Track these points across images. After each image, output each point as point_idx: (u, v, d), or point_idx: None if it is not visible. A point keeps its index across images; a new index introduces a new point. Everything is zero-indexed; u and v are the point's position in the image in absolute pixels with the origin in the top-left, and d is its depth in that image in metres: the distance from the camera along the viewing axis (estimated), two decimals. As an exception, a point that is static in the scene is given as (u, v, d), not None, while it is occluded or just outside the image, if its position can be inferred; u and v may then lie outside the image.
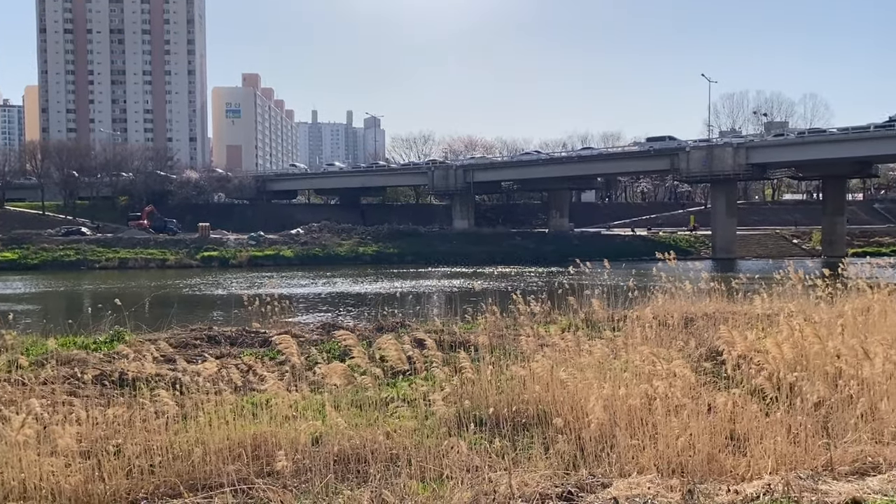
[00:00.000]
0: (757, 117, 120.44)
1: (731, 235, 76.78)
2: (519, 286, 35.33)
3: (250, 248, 72.50)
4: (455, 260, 68.13)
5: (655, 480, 6.11)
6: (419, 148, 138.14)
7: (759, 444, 7.24)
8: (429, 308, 27.21)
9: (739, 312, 15.69)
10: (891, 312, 13.86)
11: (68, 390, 10.29)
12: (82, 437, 7.66)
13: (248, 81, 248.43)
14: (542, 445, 7.66)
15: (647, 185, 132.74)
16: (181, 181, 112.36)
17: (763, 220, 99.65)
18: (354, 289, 44.98)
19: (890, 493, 5.87)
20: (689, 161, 77.45)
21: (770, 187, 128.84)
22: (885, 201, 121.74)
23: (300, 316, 28.38)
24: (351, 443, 7.61)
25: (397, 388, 10.59)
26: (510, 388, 9.39)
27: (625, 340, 10.73)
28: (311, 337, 15.43)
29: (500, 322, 14.73)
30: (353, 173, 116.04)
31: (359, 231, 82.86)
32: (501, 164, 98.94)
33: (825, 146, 72.88)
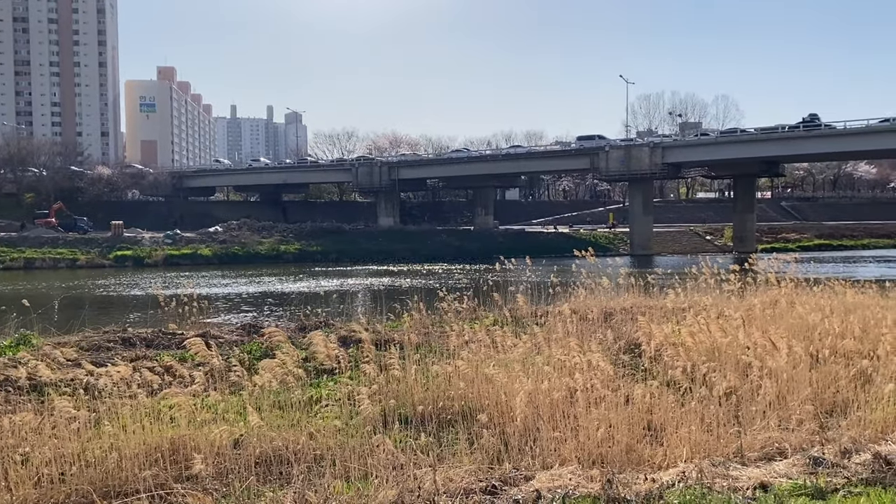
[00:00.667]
0: (672, 118, 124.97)
1: (648, 232, 79.28)
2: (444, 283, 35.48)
3: (166, 246, 70.19)
4: (380, 258, 67.83)
5: (576, 472, 6.26)
6: (343, 144, 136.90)
7: (674, 434, 7.50)
8: (353, 307, 26.98)
9: (656, 306, 16.21)
10: (797, 305, 14.60)
11: (-31, 398, 9.71)
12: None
13: (163, 75, 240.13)
14: (467, 441, 7.72)
15: (569, 184, 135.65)
16: (92, 177, 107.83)
17: (678, 217, 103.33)
18: (276, 288, 44.19)
19: (794, 476, 6.19)
20: (609, 160, 79.53)
21: (684, 186, 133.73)
22: (792, 199, 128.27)
23: (220, 316, 27.67)
24: (273, 444, 7.48)
25: (321, 387, 10.46)
26: (436, 386, 9.42)
27: (547, 335, 10.93)
28: (232, 338, 15.08)
29: (426, 320, 14.76)
30: (274, 170, 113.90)
31: (280, 229, 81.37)
32: (427, 162, 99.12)
33: (736, 146, 76.12)
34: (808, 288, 16.97)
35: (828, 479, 6.04)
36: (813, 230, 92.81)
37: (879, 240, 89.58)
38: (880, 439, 7.35)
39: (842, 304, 15.08)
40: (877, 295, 16.54)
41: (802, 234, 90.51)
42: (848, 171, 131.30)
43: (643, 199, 79.39)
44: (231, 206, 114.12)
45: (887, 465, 6.26)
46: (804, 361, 9.91)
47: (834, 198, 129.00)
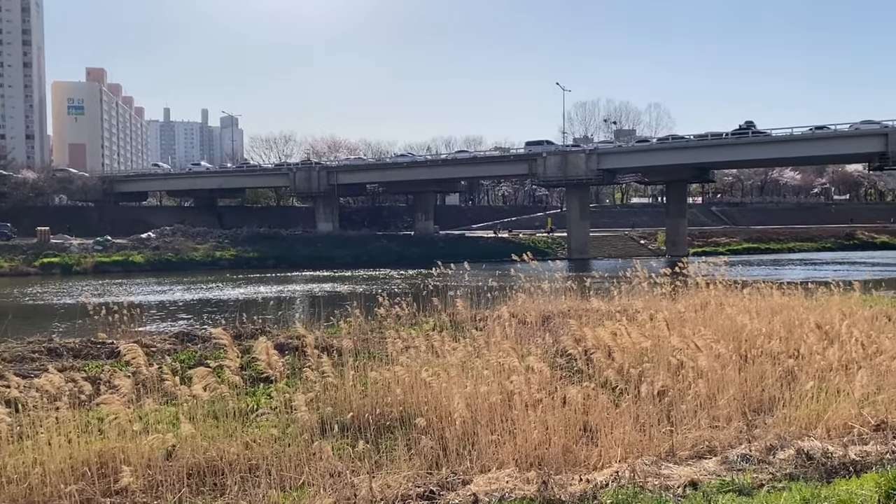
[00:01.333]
0: (607, 125, 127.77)
1: (585, 237, 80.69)
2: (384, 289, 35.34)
3: (96, 253, 67.81)
4: (319, 263, 67.07)
5: (514, 474, 6.31)
6: (280, 148, 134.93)
7: (609, 435, 7.64)
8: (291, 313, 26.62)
9: (592, 309, 16.51)
10: (726, 307, 15.09)
11: None
12: None
13: (92, 76, 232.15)
14: (405, 447, 7.69)
15: (509, 189, 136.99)
16: (16, 182, 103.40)
17: (614, 222, 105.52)
18: (212, 295, 43.23)
19: (722, 473, 6.39)
20: (546, 166, 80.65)
21: (619, 191, 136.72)
22: (721, 204, 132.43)
23: (153, 325, 26.89)
24: (206, 455, 7.31)
25: (258, 396, 10.28)
26: (374, 392, 9.37)
27: (486, 339, 11.00)
28: (164, 346, 14.69)
29: (365, 325, 14.68)
30: (209, 174, 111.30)
31: (216, 234, 79.60)
32: (366, 167, 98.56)
33: (668, 153, 78.24)
34: (736, 290, 17.56)
35: (754, 476, 6.25)
36: (742, 234, 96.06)
37: (804, 243, 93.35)
38: (804, 435, 7.65)
39: (768, 305, 15.66)
40: (801, 297, 17.22)
41: (732, 237, 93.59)
42: (774, 177, 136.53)
43: (580, 204, 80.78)
44: (165, 211, 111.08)
45: (809, 460, 6.52)
46: (733, 362, 10.24)
47: (761, 203, 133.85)
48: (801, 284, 18.98)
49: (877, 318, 14.52)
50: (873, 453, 6.67)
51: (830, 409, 8.36)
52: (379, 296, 15.71)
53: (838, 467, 6.39)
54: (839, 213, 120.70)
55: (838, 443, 7.13)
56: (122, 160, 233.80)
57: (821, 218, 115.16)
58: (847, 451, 6.68)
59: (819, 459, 6.48)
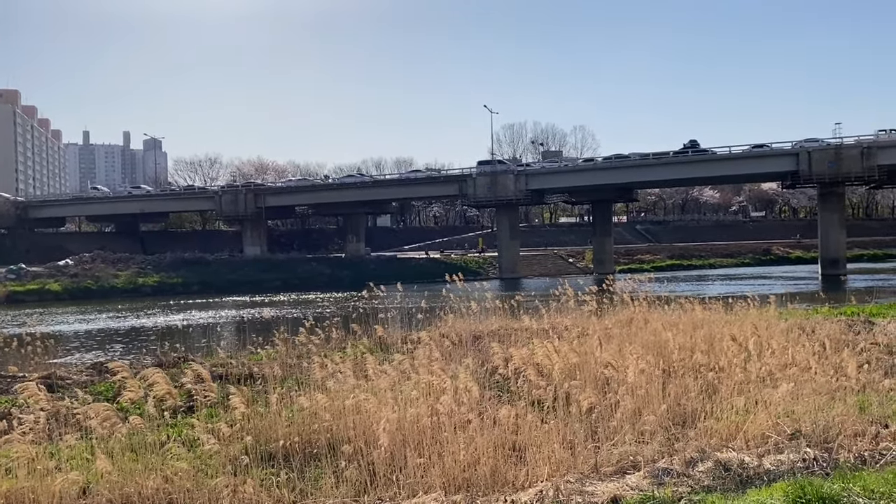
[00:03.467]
0: (535, 146, 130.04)
1: (515, 256, 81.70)
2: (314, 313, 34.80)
3: (9, 282, 64.64)
4: (246, 289, 65.65)
5: (440, 498, 6.25)
6: (205, 171, 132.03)
7: (537, 453, 7.67)
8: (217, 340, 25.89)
9: (521, 328, 16.65)
10: (651, 322, 15.46)
11: None
12: None
13: (5, 98, 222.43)
14: (333, 475, 7.54)
15: (440, 210, 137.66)
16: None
17: (543, 241, 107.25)
18: (133, 323, 41.71)
19: (645, 487, 6.50)
20: (476, 187, 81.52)
21: (548, 211, 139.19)
22: (645, 223, 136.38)
23: (69, 356, 25.72)
24: (122, 491, 6.99)
25: (179, 427, 9.92)
26: (301, 419, 9.17)
27: (412, 361, 10.93)
28: (80, 378, 14.06)
29: (292, 351, 14.40)
30: (130, 198, 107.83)
31: (138, 260, 77.08)
32: (294, 189, 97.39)
33: (593, 173, 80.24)
34: (661, 306, 18.03)
35: (674, 489, 6.38)
36: (665, 251, 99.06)
37: (724, 259, 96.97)
38: (724, 447, 7.86)
39: (690, 320, 16.12)
40: (721, 311, 17.79)
41: (656, 255, 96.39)
42: (695, 195, 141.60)
43: (510, 224, 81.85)
44: (84, 237, 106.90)
45: (726, 472, 6.69)
46: (657, 376, 10.46)
47: (683, 221, 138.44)
48: (721, 299, 19.62)
49: (791, 330, 15.12)
50: (786, 462, 6.90)
51: (749, 420, 8.62)
52: (306, 320, 15.45)
53: (753, 477, 6.58)
54: (756, 230, 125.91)
55: (755, 453, 7.35)
56: (38, 184, 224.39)
57: (739, 234, 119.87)
58: (762, 462, 6.90)
59: (735, 470, 6.67)
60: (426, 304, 18.22)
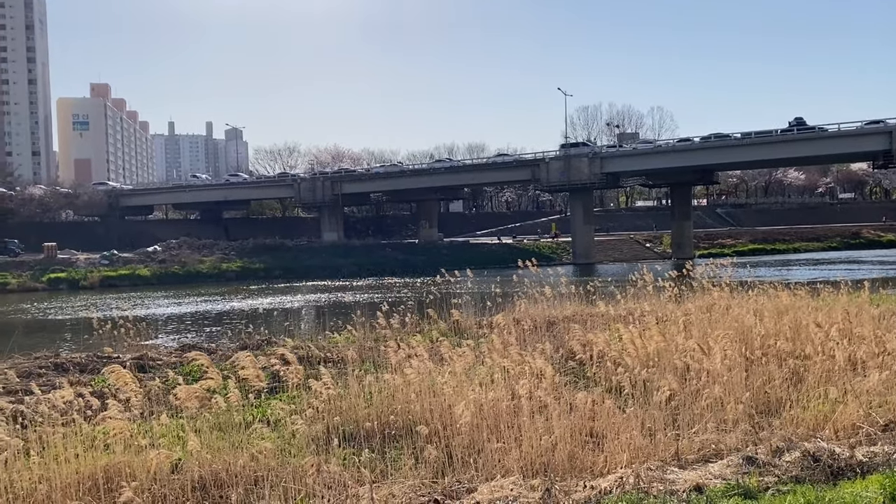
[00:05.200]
0: (610, 129, 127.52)
1: (590, 241, 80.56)
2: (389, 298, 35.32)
3: (103, 267, 68.00)
4: (324, 273, 67.11)
5: (518, 482, 6.27)
6: (284, 160, 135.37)
7: (615, 440, 7.60)
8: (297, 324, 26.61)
9: (597, 314, 16.45)
10: (733, 308, 15.02)
11: None
12: None
13: (96, 92, 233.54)
14: (411, 456, 7.67)
15: (512, 195, 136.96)
16: (23, 198, 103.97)
17: (619, 225, 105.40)
18: (218, 307, 43.29)
19: (728, 476, 6.34)
20: (549, 171, 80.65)
21: (624, 195, 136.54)
22: (726, 206, 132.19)
23: (159, 338, 26.94)
24: (211, 468, 7.29)
25: (263, 407, 10.27)
26: (379, 401, 9.35)
27: (490, 346, 10.97)
28: (170, 360, 14.70)
29: (369, 335, 14.66)
30: (214, 186, 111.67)
31: (222, 246, 79.76)
32: (370, 176, 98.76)
33: (671, 155, 78.16)
34: (743, 292, 17.48)
35: (759, 479, 6.21)
36: (747, 235, 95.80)
37: (809, 243, 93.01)
38: (811, 437, 7.59)
39: (775, 306, 15.57)
40: (807, 297, 17.12)
41: (737, 239, 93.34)
42: (778, 177, 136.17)
43: (584, 208, 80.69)
44: (171, 224, 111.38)
45: (815, 462, 6.47)
46: (739, 364, 10.18)
47: (766, 203, 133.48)
48: (808, 284, 18.89)
49: (884, 317, 14.43)
50: (881, 454, 6.62)
51: (838, 410, 8.30)
52: (383, 305, 15.69)
53: (845, 469, 6.34)
54: (844, 213, 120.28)
55: (846, 444, 7.08)
56: (128, 174, 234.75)
57: (826, 217, 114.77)
58: (854, 453, 6.63)
59: (825, 461, 6.43)
60: (499, 290, 18.20)
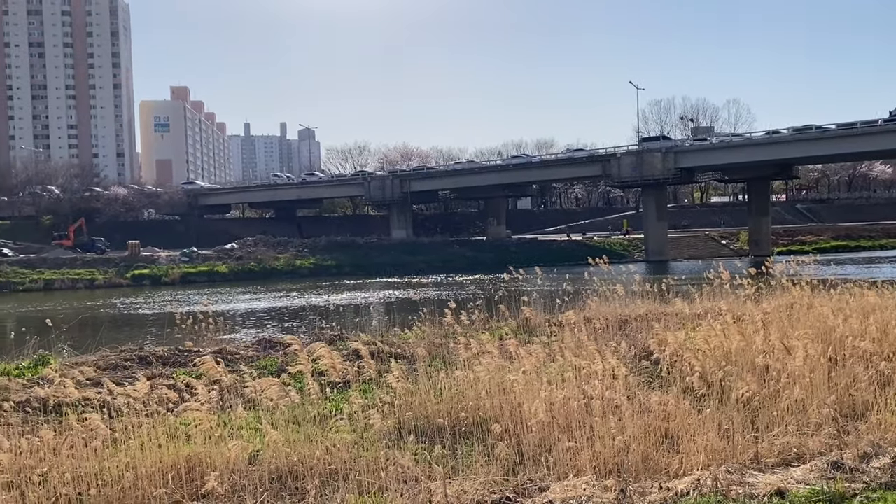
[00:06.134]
0: (684, 123, 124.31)
1: (663, 238, 78.85)
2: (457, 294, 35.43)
3: (183, 264, 70.64)
4: (394, 270, 67.88)
5: (591, 482, 6.21)
6: (355, 159, 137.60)
7: (691, 441, 7.43)
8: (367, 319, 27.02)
9: (671, 313, 16.08)
10: (815, 307, 14.44)
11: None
12: (4, 467, 7.31)
13: (176, 94, 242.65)
14: (482, 453, 7.68)
15: (582, 191, 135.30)
16: (109, 198, 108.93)
17: (693, 222, 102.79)
18: (292, 303, 44.34)
19: (812, 481, 6.10)
20: (620, 166, 79.29)
21: (698, 190, 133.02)
22: (807, 201, 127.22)
23: (236, 332, 27.78)
24: (288, 460, 7.48)
25: (336, 401, 10.46)
26: (450, 397, 9.39)
27: (560, 344, 10.87)
28: (247, 354, 15.13)
29: (438, 331, 14.74)
30: (287, 185, 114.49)
31: (295, 244, 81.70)
32: (438, 174, 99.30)
33: (748, 149, 75.67)
34: (825, 291, 16.79)
35: (846, 485, 5.95)
36: (829, 232, 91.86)
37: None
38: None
39: (860, 305, 14.89)
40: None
41: (818, 236, 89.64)
42: (863, 171, 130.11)
43: (657, 204, 79.00)
44: (247, 222, 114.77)
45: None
46: (822, 365, 9.79)
47: (850, 199, 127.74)
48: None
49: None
50: (980, 463, 6.25)
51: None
52: (451, 302, 15.74)
53: (940, 477, 6.02)
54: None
55: (941, 451, 6.71)
56: (206, 174, 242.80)
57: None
58: (950, 460, 6.29)
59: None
60: (569, 287, 18.01)
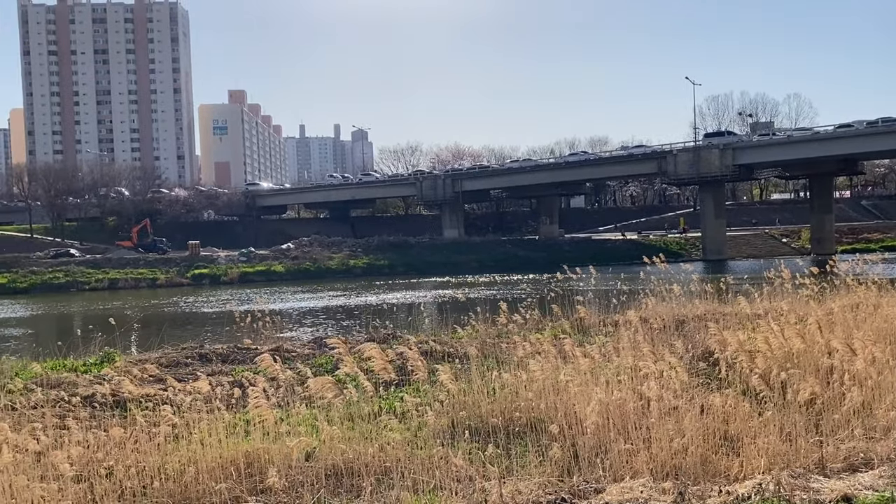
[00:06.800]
0: (742, 118, 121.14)
1: (721, 236, 77.10)
2: (509, 294, 35.32)
3: (241, 264, 72.24)
4: (445, 270, 68.07)
5: (648, 484, 6.10)
6: (407, 159, 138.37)
7: (752, 444, 7.25)
8: (420, 319, 27.15)
9: (730, 313, 15.73)
10: (883, 307, 13.93)
11: (58, 413, 10.18)
12: (73, 460, 7.59)
13: (234, 98, 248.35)
14: (536, 453, 7.63)
15: (636, 189, 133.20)
16: (170, 199, 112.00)
17: (752, 219, 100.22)
18: (346, 302, 44.88)
19: (881, 488, 5.88)
20: (677, 164, 77.83)
21: (758, 187, 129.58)
22: (873, 198, 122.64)
23: (292, 331, 28.26)
24: (343, 457, 7.56)
25: (389, 399, 10.54)
26: (503, 397, 9.37)
27: (616, 344, 10.74)
28: (303, 352, 15.38)
29: (491, 330, 14.73)
30: (341, 186, 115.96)
31: (349, 244, 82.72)
32: (490, 173, 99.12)
33: (810, 145, 73.40)
34: (893, 290, 16.18)
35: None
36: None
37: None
38: (977, 449, 6.92)
39: (932, 306, 14.29)
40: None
41: (886, 233, 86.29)
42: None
43: (714, 202, 77.28)
44: (302, 223, 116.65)
45: (983, 477, 5.88)
46: (890, 366, 9.43)
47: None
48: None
49: None
50: None
51: None
52: (503, 301, 15.70)
53: None
54: None
55: None
56: (263, 176, 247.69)
57: None
58: None
59: None
60: (624, 287, 17.76)
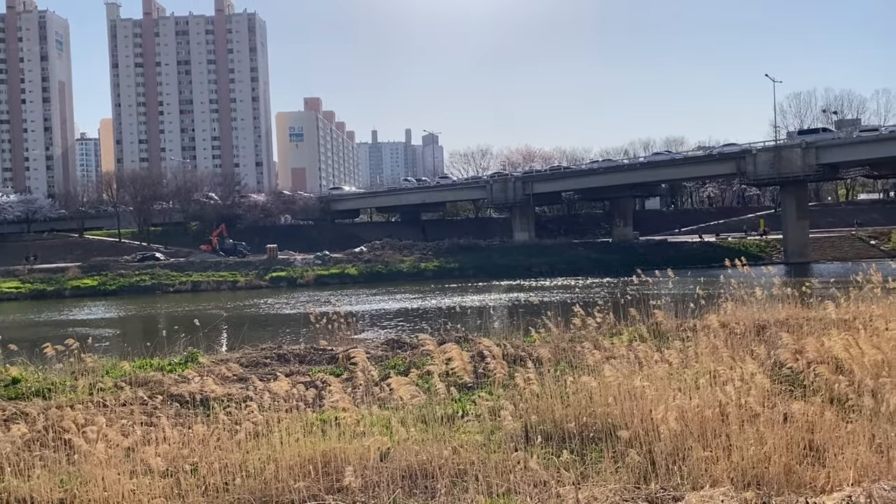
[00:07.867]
0: (826, 116, 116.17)
1: (804, 239, 74.16)
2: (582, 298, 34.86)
3: (316, 267, 73.83)
4: (516, 273, 67.77)
5: (729, 493, 5.94)
6: (477, 162, 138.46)
7: (839, 455, 6.96)
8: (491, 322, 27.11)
9: (815, 318, 15.12)
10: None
11: (145, 411, 10.65)
12: (161, 456, 7.92)
13: (309, 105, 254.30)
14: (611, 459, 7.53)
15: (714, 190, 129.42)
16: (249, 205, 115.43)
17: (837, 221, 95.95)
18: (417, 304, 45.25)
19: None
20: (756, 164, 75.31)
21: (843, 187, 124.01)
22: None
23: (365, 332, 28.69)
24: (418, 458, 7.64)
25: (463, 402, 10.58)
26: (577, 402, 9.27)
27: (695, 349, 10.48)
28: (377, 353, 15.60)
29: (563, 334, 14.59)
30: (412, 190, 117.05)
31: (420, 247, 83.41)
32: (561, 175, 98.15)
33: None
34: None
35: None
36: None
37: None
38: None
39: None
40: None
41: None
42: None
43: (797, 203, 74.42)
44: (374, 226, 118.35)
45: None
46: None
47: None
48: None
49: None
50: None
51: None
52: (576, 305, 15.53)
53: None
54: None
55: None
56: (337, 181, 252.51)
57: None
58: None
59: None
60: (702, 291, 17.30)
